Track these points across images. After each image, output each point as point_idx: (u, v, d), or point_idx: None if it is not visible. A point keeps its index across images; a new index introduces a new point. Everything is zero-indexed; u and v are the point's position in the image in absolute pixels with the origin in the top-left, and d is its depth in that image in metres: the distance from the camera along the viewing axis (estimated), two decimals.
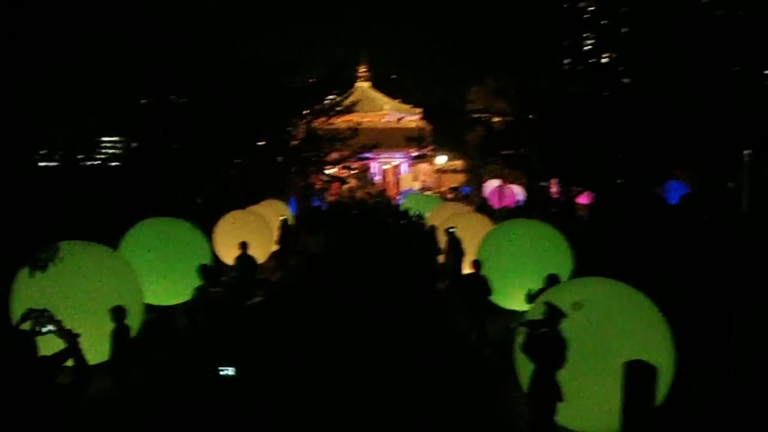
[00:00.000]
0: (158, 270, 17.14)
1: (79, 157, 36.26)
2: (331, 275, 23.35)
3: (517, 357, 11.00)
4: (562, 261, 16.89)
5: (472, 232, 22.81)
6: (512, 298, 16.53)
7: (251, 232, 23.46)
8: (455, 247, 21.57)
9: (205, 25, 34.96)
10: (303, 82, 42.29)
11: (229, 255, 21.65)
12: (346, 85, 45.26)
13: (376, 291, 20.67)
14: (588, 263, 17.42)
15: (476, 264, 16.63)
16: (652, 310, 10.55)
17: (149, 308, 17.25)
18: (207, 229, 24.02)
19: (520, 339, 10.12)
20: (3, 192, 22.30)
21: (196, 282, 17.52)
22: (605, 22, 31.91)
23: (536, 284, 15.83)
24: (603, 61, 32.34)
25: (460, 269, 21.27)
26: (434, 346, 16.21)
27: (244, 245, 18.31)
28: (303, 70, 43.03)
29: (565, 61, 33.46)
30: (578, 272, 16.66)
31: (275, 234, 26.85)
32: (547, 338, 9.49)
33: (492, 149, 33.09)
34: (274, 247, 26.80)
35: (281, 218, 28.06)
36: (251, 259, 17.73)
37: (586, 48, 33.15)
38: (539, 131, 24.97)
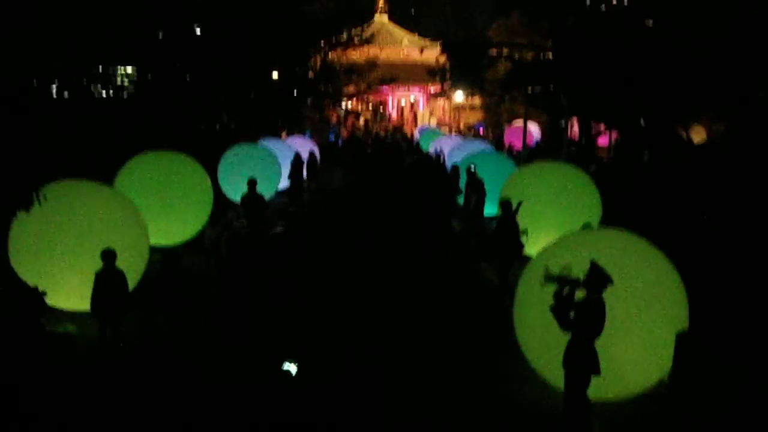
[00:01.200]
0: (153, 208, 16.15)
1: (85, 86, 35.31)
2: (347, 214, 22.63)
3: (521, 310, 10.11)
4: (592, 207, 15.88)
5: (494, 172, 21.90)
6: (536, 244, 15.60)
7: (258, 167, 22.52)
8: (477, 187, 20.42)
9: None
10: (319, 11, 40.68)
11: (235, 192, 20.80)
12: (364, 16, 43.55)
13: (391, 232, 19.90)
14: (615, 210, 16.46)
15: (504, 205, 15.27)
16: (667, 267, 9.68)
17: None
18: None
19: (549, 297, 8.70)
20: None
21: (197, 220, 16.85)
22: None
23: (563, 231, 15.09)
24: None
25: (481, 210, 20.23)
26: (450, 291, 15.34)
27: (252, 183, 17.14)
28: None
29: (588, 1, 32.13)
30: (607, 219, 15.73)
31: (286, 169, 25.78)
32: (586, 304, 8.41)
33: (515, 85, 31.67)
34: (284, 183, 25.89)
35: (294, 152, 26.97)
36: (259, 198, 16.63)
37: None
38: (570, 67, 23.58)
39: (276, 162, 24.63)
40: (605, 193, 16.75)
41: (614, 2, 33.15)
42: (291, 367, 8.51)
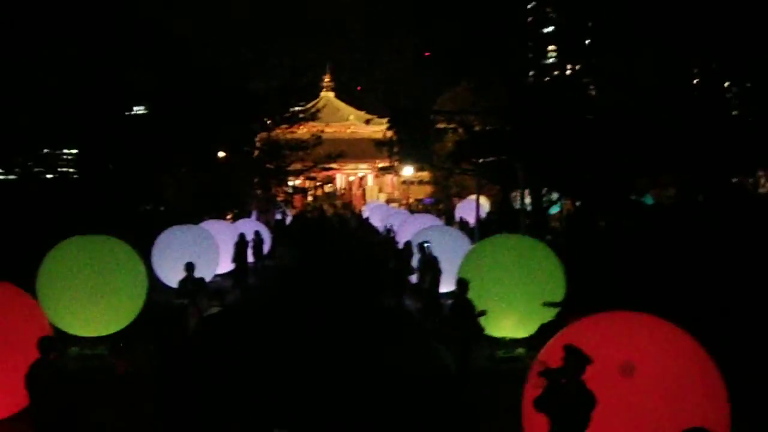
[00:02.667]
0: (80, 297, 14.78)
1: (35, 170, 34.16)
2: (295, 294, 21.46)
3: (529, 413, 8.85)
4: (556, 279, 14.83)
5: (448, 248, 20.85)
6: (498, 325, 14.47)
7: (195, 250, 21.24)
8: (431, 265, 19.24)
9: (160, 26, 32.18)
10: (263, 88, 39.99)
11: (171, 276, 19.39)
12: (310, 92, 43.03)
13: (340, 312, 18.70)
14: (581, 282, 15.44)
15: (462, 284, 14.01)
16: None
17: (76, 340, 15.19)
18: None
19: (533, 389, 7.82)
20: None
21: (129, 308, 15.40)
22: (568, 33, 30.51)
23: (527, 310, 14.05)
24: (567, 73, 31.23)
25: (437, 290, 19.00)
26: (408, 377, 14.01)
27: (189, 267, 15.68)
28: (263, 75, 40.84)
29: (530, 74, 32.29)
30: (573, 294, 14.67)
31: (229, 251, 24.44)
32: (566, 391, 7.34)
33: (466, 156, 30.99)
34: (228, 266, 24.55)
35: (238, 234, 25.65)
36: (199, 281, 15.19)
37: (549, 61, 32.14)
38: (526, 134, 22.93)
39: (213, 244, 23.30)
40: (567, 263, 15.75)
41: (556, 72, 33.17)
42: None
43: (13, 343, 10.66)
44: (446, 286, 19.63)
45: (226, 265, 24.50)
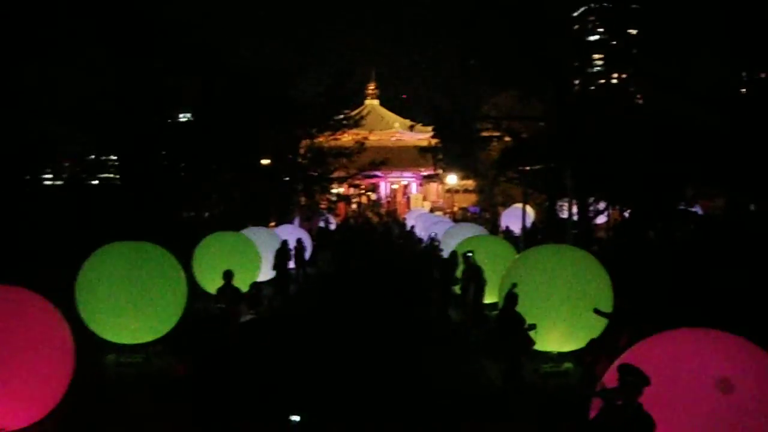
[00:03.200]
0: (119, 304, 14.61)
1: (83, 176, 34.53)
2: (337, 304, 21.17)
3: None
4: (603, 291, 14.29)
5: (493, 259, 20.38)
6: (544, 338, 13.95)
7: (236, 258, 21.12)
8: (475, 276, 18.78)
9: (202, 35, 32.19)
10: (307, 94, 39.88)
11: (212, 283, 19.20)
12: (354, 100, 42.73)
13: (385, 324, 18.36)
14: (630, 295, 14.85)
15: (511, 297, 13.52)
16: None
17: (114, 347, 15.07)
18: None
19: (589, 410, 7.39)
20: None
21: (168, 316, 15.21)
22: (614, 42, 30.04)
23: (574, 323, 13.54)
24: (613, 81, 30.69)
25: (481, 301, 18.56)
26: (452, 392, 13.57)
27: (228, 275, 15.41)
28: (306, 81, 40.69)
29: (576, 82, 31.78)
30: (622, 307, 14.09)
31: (270, 259, 24.19)
32: (624, 415, 6.85)
33: (511, 164, 30.42)
34: (268, 273, 24.29)
35: (281, 241, 25.43)
36: (236, 291, 14.92)
37: (595, 69, 31.59)
38: (576, 141, 22.31)
39: (254, 251, 23.06)
40: (614, 275, 15.18)
41: (602, 80, 32.61)
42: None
43: (26, 350, 10.07)
44: (491, 297, 19.23)
45: (267, 273, 24.26)
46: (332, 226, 44.29)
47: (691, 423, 7.51)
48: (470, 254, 20.10)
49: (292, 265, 26.08)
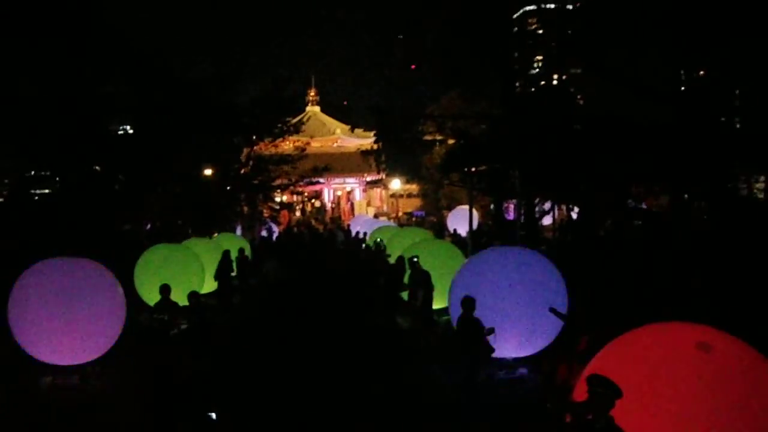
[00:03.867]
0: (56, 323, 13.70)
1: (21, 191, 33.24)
2: (282, 312, 20.46)
3: None
4: (558, 292, 13.86)
5: (440, 263, 19.89)
6: (499, 344, 13.44)
7: (178, 270, 20.38)
8: (423, 281, 18.24)
9: (138, 41, 31.16)
10: (245, 100, 38.95)
11: (155, 297, 18.31)
12: (293, 103, 41.85)
13: (332, 332, 17.72)
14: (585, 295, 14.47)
15: (468, 302, 12.73)
16: None
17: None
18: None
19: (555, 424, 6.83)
20: None
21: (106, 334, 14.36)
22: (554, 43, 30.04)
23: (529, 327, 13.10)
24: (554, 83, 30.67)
25: (430, 307, 18.01)
26: (404, 402, 12.99)
27: (165, 289, 14.54)
28: (243, 87, 39.75)
29: (517, 84, 31.61)
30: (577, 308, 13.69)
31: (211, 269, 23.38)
32: (594, 430, 6.33)
33: (457, 166, 29.97)
34: (211, 284, 23.46)
35: (223, 251, 24.59)
36: (174, 305, 14.07)
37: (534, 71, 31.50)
38: (525, 139, 21.91)
39: (197, 263, 22.25)
40: (567, 276, 14.79)
41: (543, 82, 32.59)
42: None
43: None
44: (438, 302, 18.75)
45: (211, 284, 23.43)
46: (275, 235, 43.51)
47: (678, 418, 7.04)
48: (416, 259, 19.61)
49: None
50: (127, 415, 11.89)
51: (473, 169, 22.25)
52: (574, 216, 33.78)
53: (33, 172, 32.36)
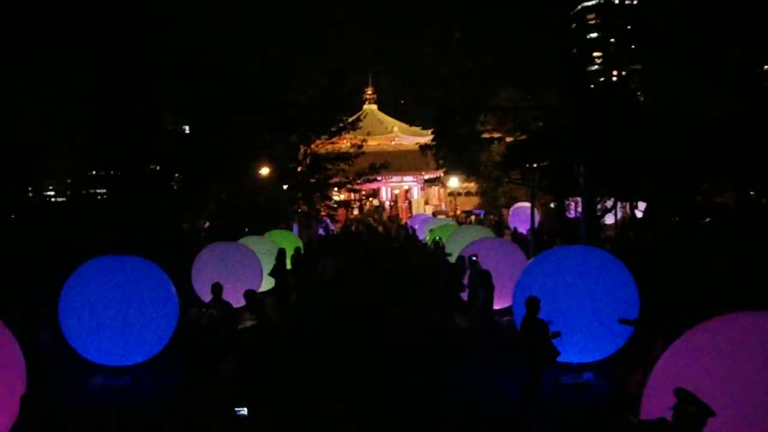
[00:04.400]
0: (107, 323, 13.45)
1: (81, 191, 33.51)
2: (338, 311, 19.97)
3: None
4: (630, 298, 13.10)
5: (501, 262, 19.25)
6: (563, 347, 12.77)
7: (235, 268, 20.09)
8: (483, 281, 17.60)
9: (191, 37, 31.04)
10: (301, 98, 38.52)
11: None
12: (350, 99, 41.34)
13: (388, 332, 17.17)
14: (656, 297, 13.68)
15: (533, 303, 12.23)
16: None
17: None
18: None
19: None
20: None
21: (156, 337, 14.05)
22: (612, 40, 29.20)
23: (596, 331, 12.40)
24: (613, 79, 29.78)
25: (491, 308, 17.36)
26: (464, 409, 12.42)
27: (216, 288, 14.23)
28: (302, 86, 39.35)
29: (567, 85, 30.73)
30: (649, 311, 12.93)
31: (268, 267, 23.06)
32: None
33: (518, 162, 29.12)
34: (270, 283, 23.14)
35: (278, 249, 24.27)
36: (226, 304, 13.74)
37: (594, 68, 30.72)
38: (596, 136, 20.98)
39: (255, 261, 21.92)
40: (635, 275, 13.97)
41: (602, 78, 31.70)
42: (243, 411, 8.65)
43: None
44: (499, 302, 18.11)
45: (267, 282, 23.08)
46: (332, 233, 43.24)
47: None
48: (475, 258, 19.03)
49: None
50: (177, 416, 11.60)
51: (535, 166, 21.48)
52: (639, 214, 32.76)
53: (94, 172, 32.55)
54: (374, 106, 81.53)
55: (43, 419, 11.17)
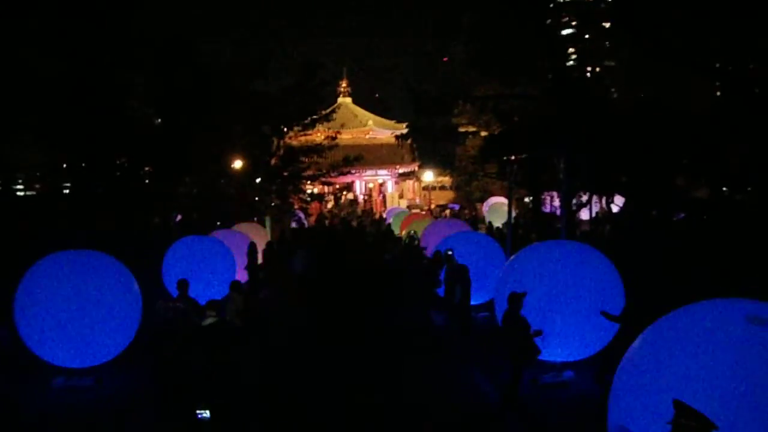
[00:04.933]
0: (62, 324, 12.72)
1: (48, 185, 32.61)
2: (310, 306, 19.41)
3: None
4: (615, 294, 12.68)
5: (478, 256, 18.85)
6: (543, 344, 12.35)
7: (207, 262, 19.59)
8: (460, 276, 17.12)
9: (162, 27, 30.21)
10: (275, 89, 37.72)
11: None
12: (323, 90, 40.46)
13: (363, 329, 16.70)
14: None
15: (515, 299, 11.78)
16: None
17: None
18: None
19: None
20: None
21: (119, 335, 13.40)
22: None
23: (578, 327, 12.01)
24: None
25: (468, 304, 16.89)
26: (442, 409, 11.97)
27: (183, 285, 13.57)
28: (276, 77, 38.54)
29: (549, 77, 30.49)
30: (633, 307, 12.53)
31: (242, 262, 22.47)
32: None
33: (497, 152, 28.55)
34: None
35: (249, 242, 23.67)
36: (191, 302, 13.06)
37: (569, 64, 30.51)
38: (578, 127, 20.54)
39: (228, 254, 21.32)
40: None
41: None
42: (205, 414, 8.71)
43: None
44: (476, 298, 17.72)
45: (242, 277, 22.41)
46: (305, 227, 42.69)
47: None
48: (451, 252, 18.59)
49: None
50: (145, 416, 11.11)
51: (513, 158, 21.03)
52: (614, 208, 32.55)
53: (64, 165, 31.62)
54: (349, 99, 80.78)
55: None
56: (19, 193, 35.81)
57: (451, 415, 11.69)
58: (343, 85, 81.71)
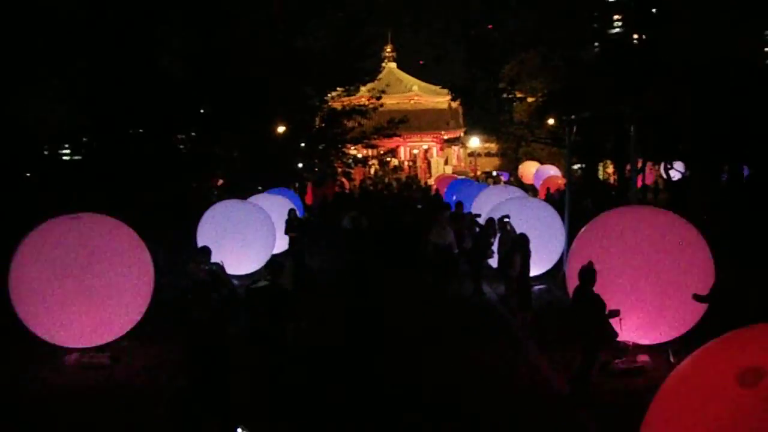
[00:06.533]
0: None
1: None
2: (354, 278, 18.17)
3: None
4: (705, 269, 11.00)
5: (534, 224, 17.30)
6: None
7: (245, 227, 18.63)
8: (519, 246, 15.48)
9: None
10: (316, 46, 36.12)
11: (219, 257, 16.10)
12: (367, 48, 38.61)
13: (413, 309, 15.38)
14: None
15: (588, 274, 10.05)
16: None
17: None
18: None
19: None
20: None
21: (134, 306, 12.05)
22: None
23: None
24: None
25: (528, 277, 15.27)
26: (496, 397, 10.53)
27: (206, 252, 11.87)
28: (317, 32, 36.77)
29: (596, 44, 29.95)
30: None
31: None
32: None
33: (559, 107, 26.85)
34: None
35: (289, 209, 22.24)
36: (217, 268, 11.54)
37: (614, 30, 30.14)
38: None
39: (267, 220, 20.03)
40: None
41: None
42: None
43: None
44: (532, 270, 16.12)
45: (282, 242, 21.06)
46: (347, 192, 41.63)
47: None
48: (507, 219, 17.04)
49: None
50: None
51: (572, 117, 19.27)
52: (675, 175, 30.70)
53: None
54: (393, 65, 79.10)
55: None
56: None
57: (512, 403, 10.28)
58: (388, 50, 79.89)
